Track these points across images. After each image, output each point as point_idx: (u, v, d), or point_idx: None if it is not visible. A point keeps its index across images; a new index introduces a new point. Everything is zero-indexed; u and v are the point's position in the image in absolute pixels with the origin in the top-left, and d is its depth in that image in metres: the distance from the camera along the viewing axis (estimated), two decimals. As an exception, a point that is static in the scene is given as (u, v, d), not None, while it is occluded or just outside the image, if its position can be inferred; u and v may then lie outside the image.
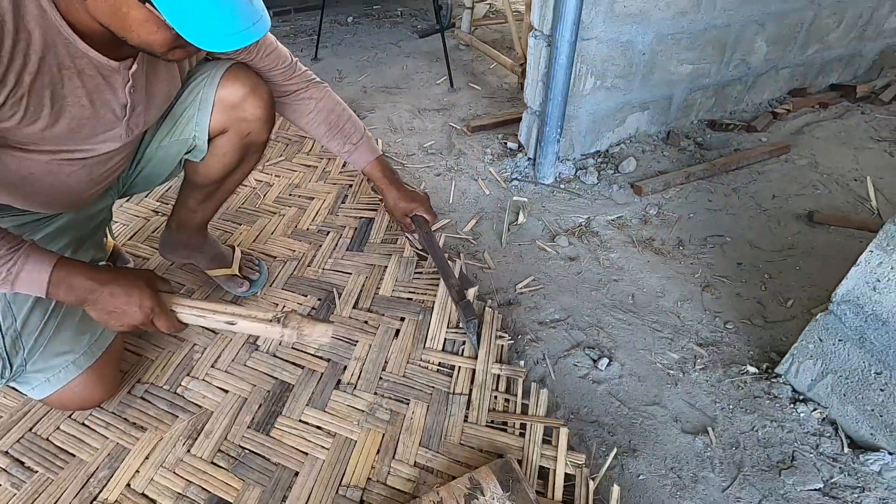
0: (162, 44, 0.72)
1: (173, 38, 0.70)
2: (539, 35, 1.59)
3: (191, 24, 0.66)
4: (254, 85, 1.01)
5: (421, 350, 1.16)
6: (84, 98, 0.80)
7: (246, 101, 1.01)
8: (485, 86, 2.39)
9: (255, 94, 1.01)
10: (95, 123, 0.85)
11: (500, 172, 1.80)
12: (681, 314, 1.31)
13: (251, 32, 0.70)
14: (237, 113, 1.01)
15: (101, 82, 0.81)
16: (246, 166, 1.16)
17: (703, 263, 1.46)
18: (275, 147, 1.88)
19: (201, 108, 0.99)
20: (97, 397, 1.02)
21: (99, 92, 0.82)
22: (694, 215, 1.63)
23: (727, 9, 1.78)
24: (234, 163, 1.10)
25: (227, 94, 0.99)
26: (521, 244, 1.52)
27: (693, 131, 2.04)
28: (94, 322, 0.99)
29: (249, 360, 1.15)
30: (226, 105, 1.00)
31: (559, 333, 1.25)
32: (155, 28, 0.69)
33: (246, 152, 1.10)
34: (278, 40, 1.09)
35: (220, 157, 1.08)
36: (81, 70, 0.77)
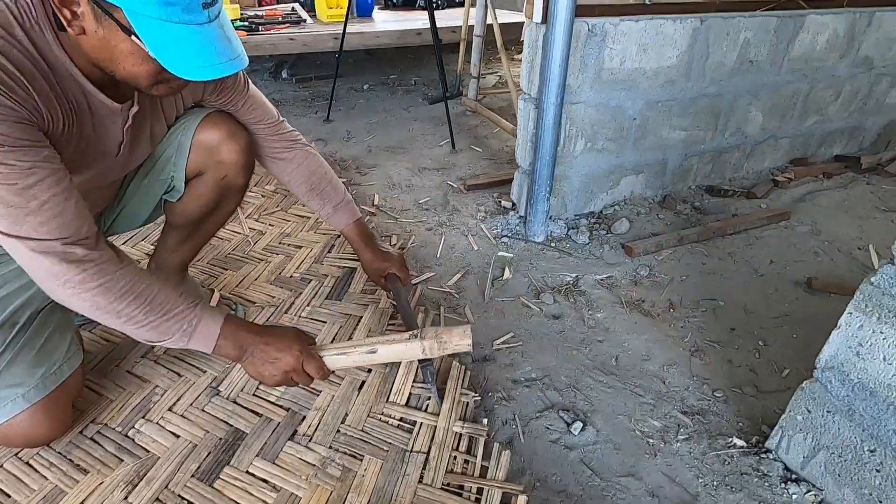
0: (146, 76, 0.77)
1: (156, 70, 0.75)
2: (527, 98, 1.64)
3: (171, 55, 0.71)
4: (231, 130, 1.06)
5: (384, 404, 1.11)
6: (90, 133, 0.87)
7: (222, 145, 1.05)
8: (486, 148, 2.46)
9: (231, 139, 1.05)
10: (90, 159, 0.91)
11: (491, 229, 1.80)
12: (666, 379, 1.23)
13: (227, 66, 0.75)
14: (214, 156, 1.05)
15: (104, 121, 0.88)
16: (224, 209, 1.19)
17: (694, 327, 1.39)
18: (272, 198, 1.94)
19: (179, 151, 1.04)
20: (44, 434, 0.99)
21: (101, 129, 0.89)
22: (687, 278, 1.58)
23: (718, 79, 1.83)
24: (211, 204, 1.13)
25: (205, 137, 1.04)
26: (505, 300, 1.48)
27: (690, 196, 2.02)
28: (52, 355, 0.99)
29: (208, 405, 1.12)
30: (203, 148, 1.04)
31: (533, 393, 1.18)
32: (140, 60, 0.74)
33: (223, 195, 1.13)
34: (298, 104, 1.15)
35: (197, 198, 1.11)
36: (89, 107, 0.84)
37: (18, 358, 0.95)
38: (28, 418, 0.95)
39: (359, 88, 3.26)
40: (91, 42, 0.74)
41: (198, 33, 0.72)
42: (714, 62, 1.78)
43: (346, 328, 1.32)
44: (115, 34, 0.72)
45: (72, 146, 0.86)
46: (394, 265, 1.25)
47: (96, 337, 1.29)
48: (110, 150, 0.93)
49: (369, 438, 1.04)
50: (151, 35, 0.70)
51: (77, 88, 0.81)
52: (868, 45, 2.06)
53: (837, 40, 1.98)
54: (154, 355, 1.24)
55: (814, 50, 1.96)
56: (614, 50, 1.60)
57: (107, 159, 0.94)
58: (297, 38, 2.62)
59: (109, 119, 0.88)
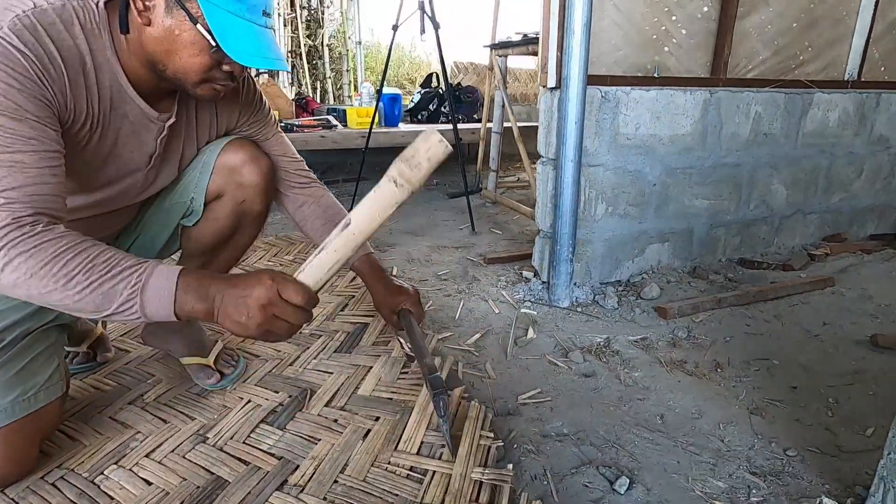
0: (198, 69, 0.81)
1: (209, 65, 0.81)
2: (545, 161, 1.67)
3: (232, 43, 0.77)
4: (254, 154, 1.07)
5: (391, 453, 0.95)
6: (121, 139, 0.89)
7: (244, 167, 1.05)
8: (505, 231, 2.46)
9: (254, 162, 1.06)
10: (120, 164, 0.92)
11: (513, 295, 1.72)
12: (725, 438, 1.04)
13: (277, 63, 0.82)
14: (234, 178, 1.05)
15: (139, 129, 0.91)
16: (240, 240, 1.16)
17: (749, 386, 1.22)
18: (290, 267, 1.92)
19: (202, 171, 1.05)
20: (2, 469, 0.86)
21: (135, 137, 0.91)
22: (731, 339, 1.43)
23: (734, 149, 1.85)
24: (228, 230, 1.11)
25: (228, 158, 1.05)
26: (529, 358, 1.35)
27: (722, 268, 1.93)
28: (31, 379, 0.90)
29: (191, 452, 0.97)
30: (225, 169, 1.05)
31: (567, 448, 1.00)
32: (197, 51, 0.80)
33: (240, 221, 1.11)
34: None
35: (213, 221, 1.09)
36: (125, 114, 0.88)
37: (-7, 377, 0.86)
38: (-14, 446, 0.83)
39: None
40: (153, 34, 0.80)
41: (256, 31, 0.80)
42: (728, 133, 1.82)
43: (353, 378, 1.20)
44: (182, 24, 0.78)
45: (104, 150, 0.88)
46: (408, 300, 1.16)
47: (86, 385, 1.19)
48: (140, 162, 0.95)
49: (372, 490, 0.87)
50: (218, 24, 0.76)
51: (119, 93, 0.85)
52: (881, 125, 2.10)
53: (849, 118, 2.02)
54: (142, 402, 1.12)
55: (826, 126, 1.99)
56: (628, 116, 1.65)
57: (135, 174, 0.96)
58: (327, 136, 2.83)
59: (145, 128, 0.91)
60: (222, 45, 0.77)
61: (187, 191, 1.07)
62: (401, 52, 6.79)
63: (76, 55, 0.78)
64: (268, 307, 0.74)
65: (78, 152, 0.85)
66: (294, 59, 5.19)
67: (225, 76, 0.85)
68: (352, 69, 5.28)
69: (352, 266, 1.20)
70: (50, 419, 0.94)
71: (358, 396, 1.13)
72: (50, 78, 0.74)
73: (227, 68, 0.84)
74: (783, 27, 1.84)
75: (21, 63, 0.70)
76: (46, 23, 0.73)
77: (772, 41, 1.84)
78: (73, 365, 1.24)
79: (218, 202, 1.08)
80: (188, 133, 1.02)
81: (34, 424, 0.90)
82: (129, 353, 1.34)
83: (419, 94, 3.93)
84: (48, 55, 0.73)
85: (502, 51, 2.63)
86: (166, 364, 1.28)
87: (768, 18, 1.81)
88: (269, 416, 1.07)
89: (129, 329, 1.46)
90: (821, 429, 1.06)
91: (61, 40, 0.75)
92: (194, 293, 0.74)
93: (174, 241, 1.15)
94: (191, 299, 0.73)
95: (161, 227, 1.11)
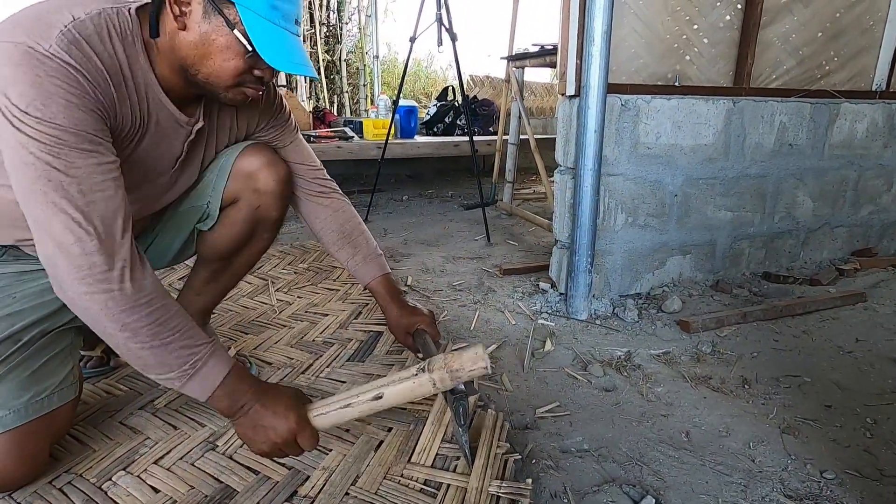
0: (231, 74, 0.82)
1: (242, 69, 0.82)
2: (564, 170, 1.64)
3: (267, 48, 0.79)
4: (272, 159, 1.06)
5: (404, 465, 0.91)
6: (151, 144, 0.89)
7: (261, 172, 1.04)
8: (522, 243, 2.43)
9: (271, 167, 1.05)
10: (148, 168, 0.92)
11: (529, 307, 1.68)
12: (756, 458, 0.99)
13: (307, 69, 0.84)
14: (251, 183, 1.04)
15: (169, 133, 0.91)
16: (255, 246, 1.15)
17: (779, 404, 1.16)
18: (304, 274, 1.91)
19: (219, 175, 1.04)
20: (10, 473, 0.84)
21: (165, 141, 0.92)
22: (758, 354, 1.38)
23: (759, 160, 1.80)
24: (243, 236, 1.10)
25: (245, 163, 1.04)
26: (547, 370, 1.31)
27: (746, 282, 1.87)
28: (45, 381, 0.89)
29: (200, 460, 0.95)
30: (242, 174, 1.04)
31: (587, 465, 0.96)
32: (232, 55, 0.81)
33: (255, 227, 1.10)
34: None
35: (229, 226, 1.08)
36: (158, 119, 0.88)
37: (10, 377, 0.85)
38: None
39: (398, 199, 3.42)
40: (188, 38, 0.80)
41: (289, 38, 0.82)
42: (752, 143, 1.77)
43: (366, 386, 1.17)
44: (218, 28, 0.79)
45: (138, 156, 0.88)
46: (423, 321, 1.12)
47: (98, 389, 1.18)
48: (165, 167, 0.95)
49: (384, 503, 0.84)
50: (254, 30, 0.78)
51: (152, 98, 0.85)
52: (911, 136, 2.04)
53: (877, 129, 1.97)
54: (153, 407, 1.11)
55: (854, 137, 1.94)
56: (649, 125, 1.62)
57: (159, 178, 0.95)
58: (344, 147, 2.84)
59: (174, 132, 0.91)
60: (259, 49, 0.78)
61: (204, 195, 1.06)
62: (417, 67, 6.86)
63: (116, 65, 0.79)
64: (279, 445, 0.83)
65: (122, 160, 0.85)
66: (313, 74, 5.27)
67: (255, 81, 0.86)
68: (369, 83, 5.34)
69: (367, 285, 1.16)
70: (62, 422, 0.92)
71: (371, 406, 1.10)
72: (101, 91, 0.75)
73: (259, 73, 0.85)
74: (808, 37, 1.80)
75: (77, 80, 0.71)
76: (87, 35, 0.74)
77: (796, 51, 1.80)
78: (87, 369, 1.24)
79: (234, 207, 1.07)
80: (210, 137, 1.01)
81: (46, 426, 0.89)
82: (141, 359, 1.33)
83: (435, 106, 3.94)
84: (96, 68, 0.74)
85: (519, 62, 2.63)
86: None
87: (793, 28, 1.77)
88: (280, 424, 1.05)
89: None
90: (859, 450, 1.00)
91: (103, 52, 0.76)
92: (229, 397, 0.81)
93: (189, 245, 1.14)
94: (224, 399, 0.80)
95: (177, 232, 1.10)
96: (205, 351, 0.78)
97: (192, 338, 0.78)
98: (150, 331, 0.74)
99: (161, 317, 0.75)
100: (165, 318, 0.75)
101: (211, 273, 1.16)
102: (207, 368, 0.78)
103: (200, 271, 1.18)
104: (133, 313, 0.73)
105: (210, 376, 0.79)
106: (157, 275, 0.82)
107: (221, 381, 0.79)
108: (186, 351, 0.76)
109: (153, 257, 1.15)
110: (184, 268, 1.89)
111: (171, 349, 0.75)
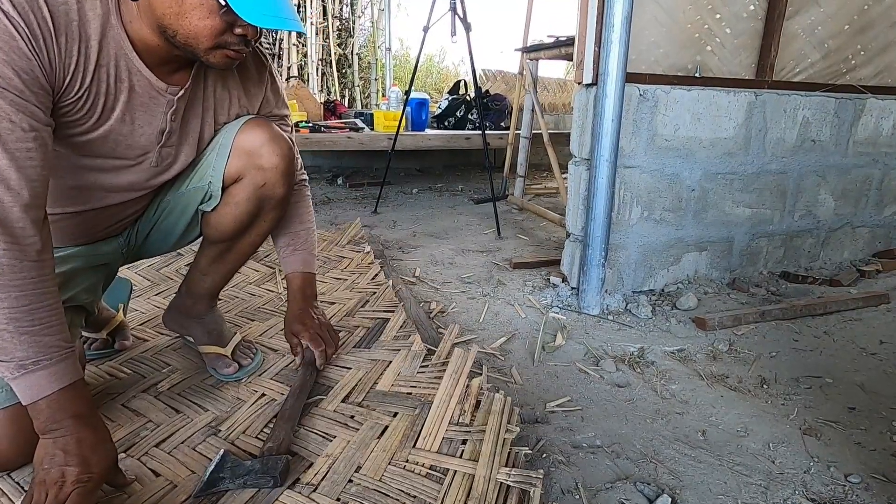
0: (209, 34, 0.77)
1: (220, 28, 0.77)
2: (578, 161, 1.60)
3: (243, 2, 0.73)
4: (275, 134, 1.02)
5: (409, 450, 0.89)
6: (127, 114, 0.85)
7: (263, 148, 1.00)
8: (532, 237, 2.39)
9: (274, 142, 1.01)
10: (131, 142, 0.88)
11: (540, 300, 1.65)
12: (776, 459, 0.95)
13: (292, 24, 0.77)
14: (253, 160, 1.00)
15: (147, 102, 0.87)
16: (261, 226, 1.11)
17: (800, 405, 1.12)
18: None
19: (219, 153, 1.00)
20: (6, 451, 0.82)
21: (142, 111, 0.87)
22: (777, 354, 1.33)
23: (780, 155, 1.75)
24: (247, 216, 1.06)
25: (246, 139, 1.00)
26: (558, 364, 1.27)
27: (763, 281, 1.82)
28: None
29: (202, 445, 0.93)
30: (243, 151, 1.00)
31: (600, 461, 0.93)
32: (207, 13, 0.76)
33: (261, 207, 1.07)
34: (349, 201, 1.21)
35: (233, 206, 1.04)
36: (132, 86, 0.84)
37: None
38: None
39: (407, 192, 3.39)
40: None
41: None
42: (773, 138, 1.72)
43: (372, 373, 1.14)
44: None
45: (110, 124, 0.84)
46: (308, 335, 1.11)
47: (101, 372, 1.16)
48: (149, 141, 0.91)
49: (388, 490, 0.81)
50: None
51: (125, 63, 0.81)
52: (939, 135, 1.97)
53: (904, 127, 1.91)
54: (155, 390, 1.09)
55: (880, 134, 1.88)
56: (667, 116, 1.58)
57: (143, 153, 0.92)
58: (354, 137, 2.81)
59: (153, 100, 0.87)
60: (232, 4, 0.73)
61: (205, 175, 1.02)
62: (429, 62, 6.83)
63: (74, 21, 0.74)
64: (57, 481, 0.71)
65: (77, 126, 0.81)
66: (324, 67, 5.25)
67: (238, 40, 0.81)
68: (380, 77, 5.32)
69: (286, 275, 1.18)
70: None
71: (376, 392, 1.07)
72: (40, 47, 0.71)
73: (240, 31, 0.79)
74: (834, 29, 1.75)
75: (10, 32, 0.67)
76: None
77: (822, 43, 1.75)
78: (91, 351, 1.22)
79: (237, 186, 1.03)
80: (206, 113, 0.97)
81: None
82: (146, 342, 1.31)
83: (447, 100, 3.90)
84: (39, 22, 0.70)
85: (534, 54, 2.59)
86: (183, 354, 1.25)
87: (818, 20, 1.72)
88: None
89: (148, 318, 1.44)
90: (886, 455, 0.96)
91: (58, 5, 0.72)
92: (48, 413, 0.72)
93: (194, 227, 1.11)
94: (44, 412, 0.72)
95: (180, 214, 1.06)
96: (55, 356, 0.72)
97: (51, 337, 0.72)
98: (9, 314, 0.69)
99: (32, 304, 0.70)
100: (36, 307, 0.71)
101: (217, 253, 1.14)
102: (45, 374, 0.71)
103: (206, 252, 1.15)
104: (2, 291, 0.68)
105: (42, 383, 0.71)
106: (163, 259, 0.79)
107: (52, 393, 0.72)
108: (35, 349, 0.70)
109: (156, 242, 1.13)
110: (190, 253, 1.88)
111: (22, 340, 0.70)
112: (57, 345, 0.73)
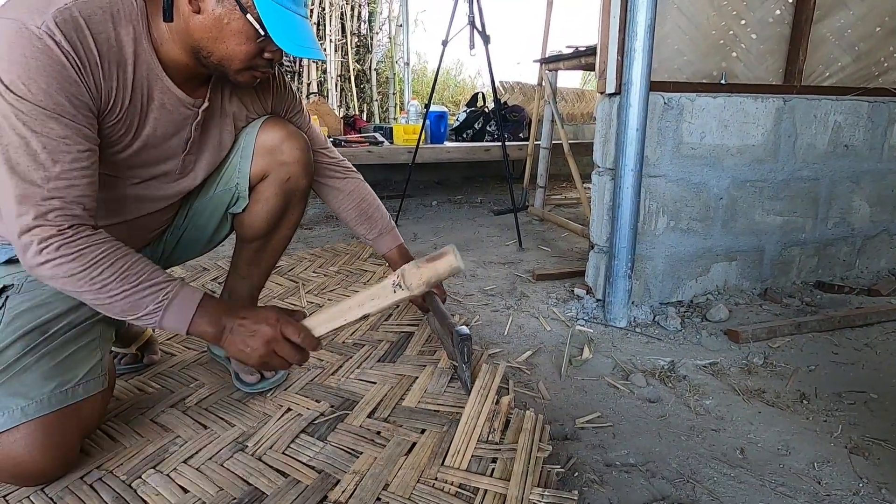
0: (243, 57, 0.84)
1: (254, 53, 0.85)
2: (602, 171, 1.58)
3: (280, 32, 0.80)
4: (291, 131, 1.08)
5: (438, 467, 0.87)
6: (159, 129, 0.91)
7: (283, 144, 1.06)
8: (554, 248, 2.37)
9: (292, 138, 1.07)
10: (160, 154, 0.94)
11: (565, 313, 1.62)
12: (822, 480, 0.90)
13: (317, 53, 0.85)
14: (276, 157, 1.06)
15: (175, 117, 0.92)
16: (290, 219, 1.17)
17: (844, 421, 1.07)
18: (335, 277, 1.89)
19: (243, 155, 1.06)
20: (39, 465, 0.82)
21: (171, 125, 0.92)
22: (816, 367, 1.28)
23: (811, 161, 1.71)
24: (278, 211, 1.12)
25: (266, 138, 1.06)
26: (586, 379, 1.24)
27: (797, 291, 1.76)
28: (71, 371, 0.88)
29: (230, 461, 0.93)
30: (265, 149, 1.06)
31: (635, 480, 0.89)
32: (244, 39, 0.82)
33: (288, 200, 1.12)
34: None
35: (263, 203, 1.10)
36: (163, 104, 0.89)
37: (35, 366, 0.84)
38: (23, 438, 0.81)
39: (427, 204, 3.40)
40: (202, 22, 0.81)
41: (300, 21, 0.84)
42: (804, 144, 1.68)
43: (398, 389, 1.13)
44: (231, 13, 0.81)
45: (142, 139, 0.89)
46: None
47: (130, 386, 1.18)
48: (175, 150, 0.96)
49: (418, 510, 0.79)
50: (266, 14, 0.79)
51: (155, 82, 0.86)
52: (979, 138, 1.90)
53: (941, 130, 1.84)
54: (183, 405, 1.09)
55: (916, 138, 1.82)
56: (693, 125, 1.55)
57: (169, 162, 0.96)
58: (374, 151, 2.84)
59: (181, 114, 0.92)
60: (272, 33, 0.79)
61: (231, 178, 1.08)
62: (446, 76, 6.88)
63: (114, 47, 0.79)
64: (270, 343, 0.85)
65: (116, 145, 0.86)
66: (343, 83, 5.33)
67: (265, 63, 0.88)
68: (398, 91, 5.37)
69: (384, 255, 1.29)
70: (90, 415, 0.91)
71: (402, 408, 1.06)
72: (87, 73, 0.76)
73: (269, 56, 0.86)
74: (865, 32, 1.70)
75: (62, 62, 0.72)
76: (87, 14, 0.75)
77: (852, 47, 1.70)
78: (121, 366, 1.24)
79: (263, 184, 1.09)
80: (223, 121, 1.02)
81: (74, 418, 0.87)
82: (174, 357, 1.32)
83: (465, 112, 3.91)
84: (87, 50, 0.75)
85: (552, 65, 2.58)
86: (209, 369, 1.26)
87: (848, 23, 1.68)
88: (310, 426, 1.02)
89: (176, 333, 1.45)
90: (940, 475, 0.91)
91: (100, 33, 0.77)
92: (209, 319, 0.84)
93: (221, 229, 1.16)
94: (204, 323, 0.84)
95: (208, 217, 1.12)
96: (173, 286, 0.82)
97: (160, 276, 0.81)
98: (117, 279, 0.77)
99: (125, 264, 0.79)
100: (129, 264, 0.79)
101: (253, 253, 1.19)
102: (180, 299, 0.81)
103: (242, 255, 1.20)
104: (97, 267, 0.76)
105: (185, 305, 0.82)
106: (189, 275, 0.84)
107: (197, 307, 0.82)
108: (156, 289, 0.80)
109: (186, 247, 1.17)
110: (217, 269, 1.90)
111: (142, 289, 0.79)
112: (168, 278, 0.82)
